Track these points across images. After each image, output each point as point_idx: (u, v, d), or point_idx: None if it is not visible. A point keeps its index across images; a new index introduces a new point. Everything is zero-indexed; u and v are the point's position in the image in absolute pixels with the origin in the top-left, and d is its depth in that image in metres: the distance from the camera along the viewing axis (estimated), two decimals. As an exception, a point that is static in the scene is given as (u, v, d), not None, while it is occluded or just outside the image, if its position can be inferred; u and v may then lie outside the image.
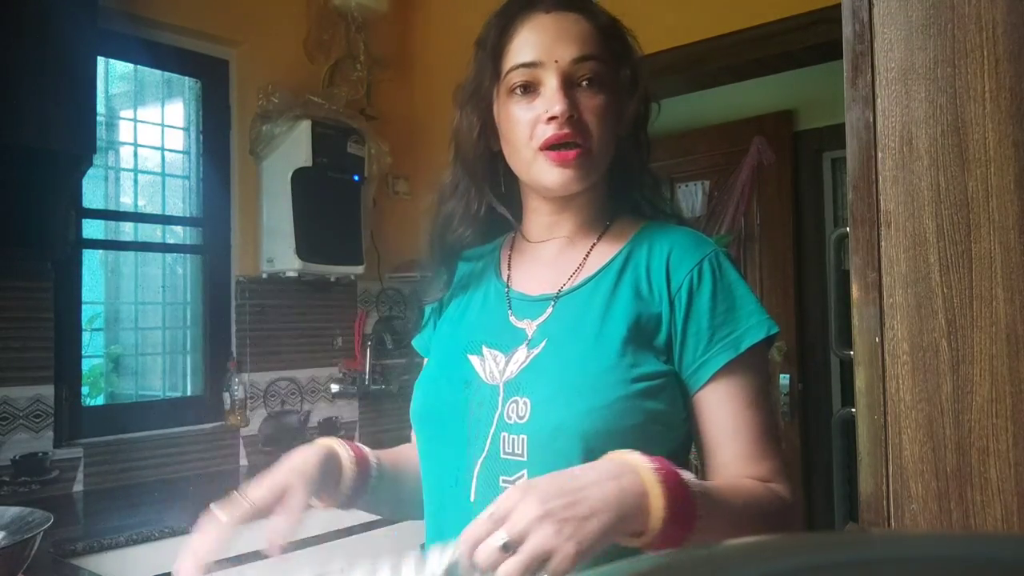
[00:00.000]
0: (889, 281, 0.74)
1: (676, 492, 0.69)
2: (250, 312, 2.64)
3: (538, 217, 0.97)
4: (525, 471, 0.83)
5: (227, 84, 2.67)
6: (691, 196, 3.81)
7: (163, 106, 2.64)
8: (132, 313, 2.60)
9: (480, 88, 0.93)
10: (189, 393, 2.61)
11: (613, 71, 0.91)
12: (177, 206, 2.66)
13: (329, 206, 2.64)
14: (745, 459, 0.85)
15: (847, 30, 0.77)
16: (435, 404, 0.94)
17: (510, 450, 0.85)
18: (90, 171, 2.13)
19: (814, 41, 2.20)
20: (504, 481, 0.84)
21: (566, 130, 0.86)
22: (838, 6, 0.78)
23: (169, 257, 2.66)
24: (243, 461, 2.57)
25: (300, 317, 2.75)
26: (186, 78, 2.64)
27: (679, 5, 2.47)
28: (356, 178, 2.72)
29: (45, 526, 1.13)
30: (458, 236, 0.97)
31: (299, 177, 2.56)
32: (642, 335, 0.86)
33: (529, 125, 0.88)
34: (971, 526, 0.68)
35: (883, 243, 0.74)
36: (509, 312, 0.94)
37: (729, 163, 3.64)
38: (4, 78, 1.81)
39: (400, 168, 2.97)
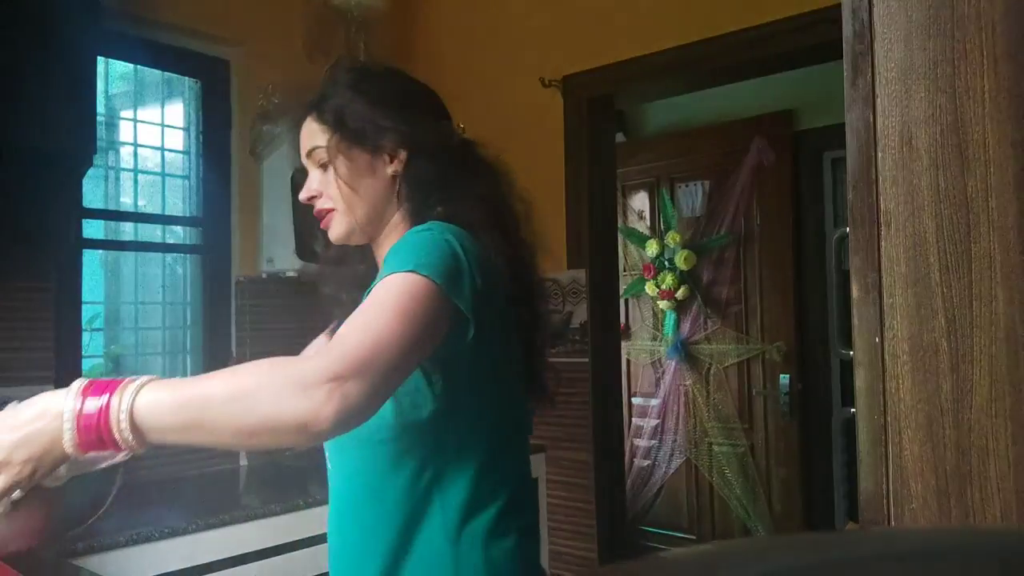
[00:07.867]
0: (889, 281, 0.74)
1: (88, 418, 0.86)
2: (250, 312, 2.64)
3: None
4: None
5: (227, 84, 2.66)
6: (691, 196, 3.81)
7: (163, 106, 2.64)
8: (132, 313, 2.60)
9: None
10: (189, 393, 2.60)
11: (346, 148, 1.14)
12: (177, 206, 2.66)
13: (329, 206, 2.64)
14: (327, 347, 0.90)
15: (847, 30, 0.77)
16: None
17: None
18: (90, 171, 2.12)
19: (814, 41, 2.20)
20: None
21: (317, 208, 1.19)
22: (838, 6, 0.78)
23: (169, 257, 2.66)
24: (243, 461, 2.57)
25: (300, 317, 2.74)
26: (186, 78, 2.64)
27: (679, 5, 2.47)
28: (356, 178, 2.71)
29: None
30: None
31: (299, 177, 2.56)
32: None
33: None
34: (971, 526, 0.68)
35: (883, 243, 0.74)
36: None
37: (729, 163, 3.64)
38: (5, 78, 1.81)
39: (400, 168, 2.97)
